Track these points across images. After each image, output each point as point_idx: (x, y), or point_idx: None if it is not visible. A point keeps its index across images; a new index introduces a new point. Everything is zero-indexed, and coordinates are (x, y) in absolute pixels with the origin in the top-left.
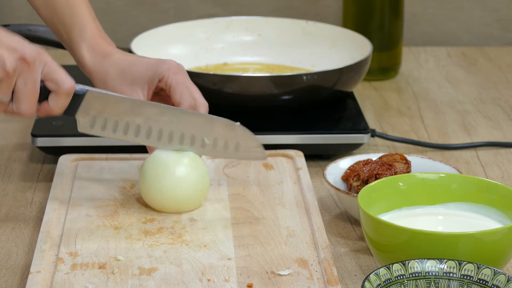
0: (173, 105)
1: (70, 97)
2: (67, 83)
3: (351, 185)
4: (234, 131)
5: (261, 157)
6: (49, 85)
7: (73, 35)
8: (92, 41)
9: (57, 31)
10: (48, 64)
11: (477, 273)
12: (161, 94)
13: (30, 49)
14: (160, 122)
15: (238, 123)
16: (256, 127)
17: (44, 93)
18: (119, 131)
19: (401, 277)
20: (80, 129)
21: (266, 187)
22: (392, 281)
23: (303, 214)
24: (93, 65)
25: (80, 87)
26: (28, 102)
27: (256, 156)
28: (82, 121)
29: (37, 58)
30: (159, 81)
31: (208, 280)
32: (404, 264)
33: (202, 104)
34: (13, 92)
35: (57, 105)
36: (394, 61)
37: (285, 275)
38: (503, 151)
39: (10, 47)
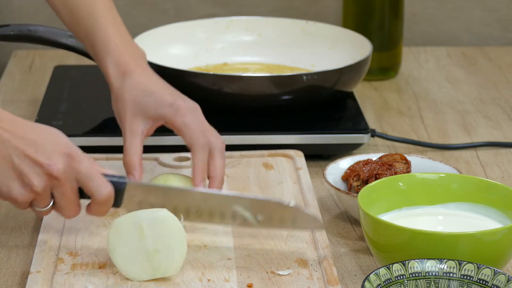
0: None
1: (110, 203)
2: (102, 192)
3: (351, 185)
4: (286, 210)
5: (319, 227)
6: (86, 191)
7: (98, 49)
8: (116, 56)
9: (84, 44)
10: (81, 172)
11: (477, 273)
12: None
13: (58, 162)
14: (208, 206)
15: (291, 202)
16: (256, 127)
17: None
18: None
19: (401, 277)
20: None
21: (266, 187)
22: (392, 281)
23: None
24: (114, 82)
25: (118, 179)
26: (69, 209)
27: (314, 227)
28: (130, 208)
29: (67, 170)
30: (166, 123)
31: (208, 280)
32: (404, 264)
33: (218, 148)
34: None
35: (98, 211)
36: (394, 61)
37: (285, 275)
38: (503, 151)
39: (36, 161)
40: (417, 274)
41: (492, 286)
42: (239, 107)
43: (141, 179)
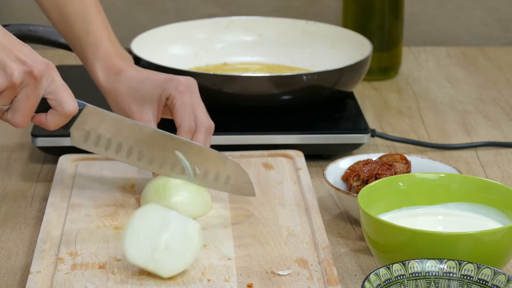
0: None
1: (69, 118)
2: (70, 106)
3: (351, 185)
4: (225, 164)
5: (250, 194)
6: (52, 103)
7: (88, 53)
8: (106, 60)
9: (73, 46)
10: (55, 81)
11: (477, 273)
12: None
13: (40, 64)
14: (154, 148)
15: (229, 156)
16: (256, 127)
17: (43, 105)
18: (111, 150)
19: (401, 277)
20: (73, 142)
21: (266, 187)
22: (392, 281)
23: (303, 214)
24: (106, 84)
25: (78, 102)
26: (24, 115)
27: (245, 192)
28: (76, 135)
29: (45, 74)
30: (166, 99)
31: (208, 280)
32: (404, 264)
33: (203, 127)
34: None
35: (54, 122)
36: (394, 61)
37: (285, 275)
38: (503, 151)
39: (20, 59)
40: (417, 274)
41: (492, 286)
42: (239, 107)
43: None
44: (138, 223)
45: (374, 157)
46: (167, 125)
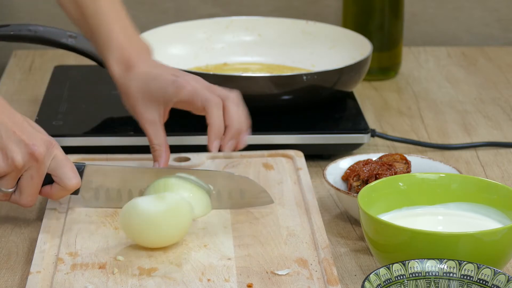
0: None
1: (73, 191)
2: (72, 181)
3: (351, 185)
4: (234, 180)
5: (269, 202)
6: (55, 178)
7: (102, 46)
8: (118, 53)
9: (90, 40)
10: (57, 158)
11: (477, 273)
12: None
13: (41, 145)
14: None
15: (235, 173)
16: (256, 127)
17: (48, 178)
18: (124, 199)
19: (401, 277)
20: (86, 204)
21: (266, 187)
22: (392, 281)
23: (303, 214)
24: (119, 78)
25: (77, 164)
26: (31, 195)
27: (264, 202)
28: (87, 196)
29: (47, 154)
30: (175, 103)
31: (208, 280)
32: (404, 264)
33: (229, 98)
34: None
35: (59, 195)
36: (394, 61)
37: (284, 275)
38: (503, 151)
39: (22, 141)
40: (417, 274)
41: (492, 286)
42: None
43: (167, 165)
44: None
45: (374, 157)
46: (176, 115)
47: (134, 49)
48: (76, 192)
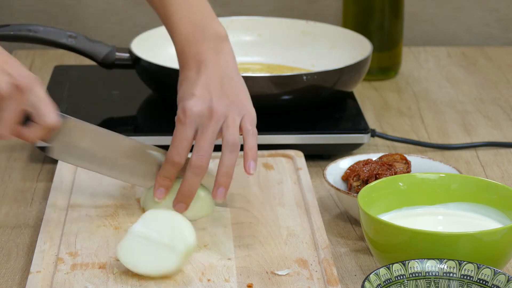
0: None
1: (52, 131)
2: (51, 118)
3: (351, 185)
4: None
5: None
6: (34, 115)
7: (170, 35)
8: (179, 47)
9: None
10: (38, 94)
11: (477, 273)
12: None
13: (25, 77)
14: (136, 161)
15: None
16: (256, 127)
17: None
18: (96, 163)
19: (401, 277)
20: (55, 156)
21: (266, 187)
22: (392, 281)
23: (303, 214)
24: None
25: (61, 114)
26: (6, 127)
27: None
28: (57, 148)
29: (30, 89)
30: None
31: (208, 280)
32: (404, 264)
33: (226, 143)
34: None
35: (34, 134)
36: (394, 61)
37: (284, 275)
38: (503, 151)
39: (5, 71)
40: (417, 274)
41: (492, 286)
42: None
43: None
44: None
45: (374, 157)
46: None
47: (194, 42)
48: (49, 140)
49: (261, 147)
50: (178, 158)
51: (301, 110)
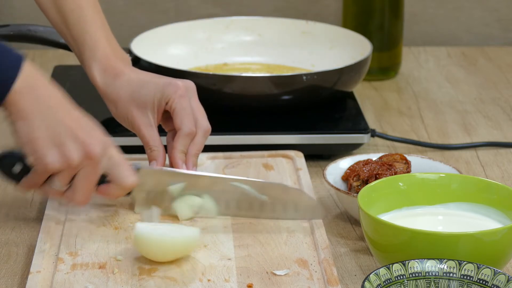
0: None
1: (130, 190)
2: (129, 180)
3: (351, 185)
4: (288, 193)
5: (320, 216)
6: (111, 177)
7: (85, 54)
8: (103, 62)
9: (71, 47)
10: (113, 158)
11: (477, 273)
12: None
13: (97, 145)
14: (215, 192)
15: (295, 186)
16: (256, 127)
17: (104, 177)
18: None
19: (401, 277)
20: (138, 207)
21: None
22: (392, 281)
23: None
24: (104, 87)
25: (134, 164)
26: (85, 194)
27: (316, 215)
28: (139, 198)
29: (102, 154)
30: (166, 103)
31: (208, 280)
32: (404, 264)
33: (202, 129)
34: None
35: (115, 194)
36: (394, 61)
37: (284, 275)
38: (503, 151)
39: (78, 139)
40: (417, 274)
41: (492, 286)
42: (239, 107)
43: (164, 165)
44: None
45: (374, 157)
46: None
47: (119, 58)
48: (128, 193)
49: (261, 147)
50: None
51: (301, 110)
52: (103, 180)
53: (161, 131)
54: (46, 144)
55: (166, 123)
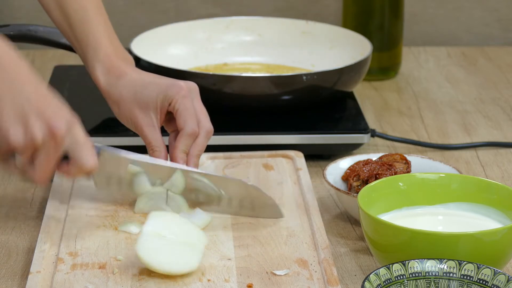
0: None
1: (89, 173)
2: (88, 163)
3: (351, 185)
4: (246, 189)
5: (278, 215)
6: (71, 158)
7: (88, 55)
8: (106, 62)
9: (74, 47)
10: (76, 137)
11: (477, 273)
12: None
13: (62, 123)
14: (173, 181)
15: (250, 182)
16: (256, 127)
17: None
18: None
19: (401, 277)
20: (98, 188)
21: (266, 187)
22: (392, 281)
23: (303, 215)
24: (107, 87)
25: (96, 146)
26: (45, 172)
27: (272, 214)
28: (98, 180)
29: (67, 134)
30: (169, 104)
31: (208, 280)
32: (404, 264)
33: (205, 130)
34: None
35: (74, 174)
36: (394, 61)
37: (284, 275)
38: (503, 151)
39: (41, 115)
40: (417, 274)
41: (492, 286)
42: (239, 107)
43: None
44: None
45: (374, 157)
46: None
47: (122, 59)
48: (88, 177)
49: (261, 147)
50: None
51: (301, 110)
52: (65, 157)
53: (164, 132)
54: (10, 120)
55: (169, 124)
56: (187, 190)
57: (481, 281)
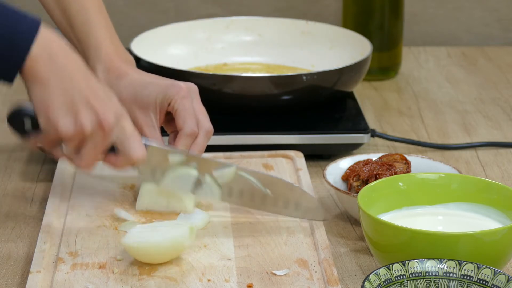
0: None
1: (138, 164)
2: (137, 154)
3: (351, 185)
4: (293, 191)
5: (321, 218)
6: (120, 149)
7: (89, 55)
8: (107, 62)
9: (76, 48)
10: (124, 129)
11: (477, 273)
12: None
13: (111, 115)
14: (220, 178)
15: (296, 185)
16: (256, 127)
17: (112, 146)
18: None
19: (401, 277)
20: (142, 179)
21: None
22: (392, 281)
23: None
24: (107, 87)
25: (144, 139)
26: (90, 161)
27: (316, 217)
28: (144, 171)
29: (115, 127)
30: (168, 104)
31: (208, 280)
32: (404, 264)
33: (204, 130)
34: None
35: (122, 165)
36: (394, 61)
37: (284, 275)
38: (503, 151)
39: (91, 106)
40: (417, 274)
41: (492, 286)
42: (239, 107)
43: None
44: None
45: (374, 157)
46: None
47: (123, 59)
48: (135, 168)
49: (261, 147)
50: None
51: (301, 110)
52: (112, 149)
53: (163, 133)
54: (60, 111)
55: (168, 125)
56: (230, 184)
57: (481, 281)
